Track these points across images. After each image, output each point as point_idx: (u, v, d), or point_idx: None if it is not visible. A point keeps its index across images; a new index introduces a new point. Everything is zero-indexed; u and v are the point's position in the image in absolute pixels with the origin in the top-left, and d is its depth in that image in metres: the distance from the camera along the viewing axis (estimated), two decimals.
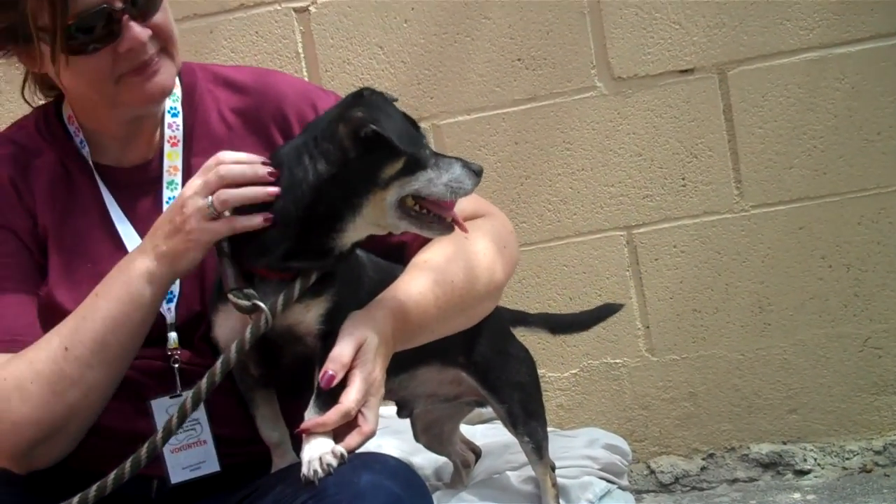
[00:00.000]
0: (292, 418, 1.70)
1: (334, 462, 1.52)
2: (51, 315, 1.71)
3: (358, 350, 1.58)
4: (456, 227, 1.59)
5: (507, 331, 2.03)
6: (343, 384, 1.57)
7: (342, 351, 1.57)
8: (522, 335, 2.47)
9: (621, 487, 2.39)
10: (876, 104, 2.58)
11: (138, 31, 1.67)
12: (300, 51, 2.70)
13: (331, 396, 1.57)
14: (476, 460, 2.28)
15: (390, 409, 2.45)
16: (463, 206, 1.74)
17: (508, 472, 2.25)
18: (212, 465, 1.73)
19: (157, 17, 1.73)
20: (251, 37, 2.70)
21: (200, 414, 1.72)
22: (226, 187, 1.56)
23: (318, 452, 1.54)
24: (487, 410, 2.63)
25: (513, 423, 1.95)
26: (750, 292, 2.65)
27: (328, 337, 1.62)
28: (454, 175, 1.56)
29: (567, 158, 2.67)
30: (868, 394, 2.64)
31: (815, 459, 2.64)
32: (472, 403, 2.06)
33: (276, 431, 1.76)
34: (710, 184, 2.64)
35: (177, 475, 1.72)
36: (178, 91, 1.83)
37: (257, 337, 1.56)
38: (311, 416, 1.58)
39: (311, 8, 2.69)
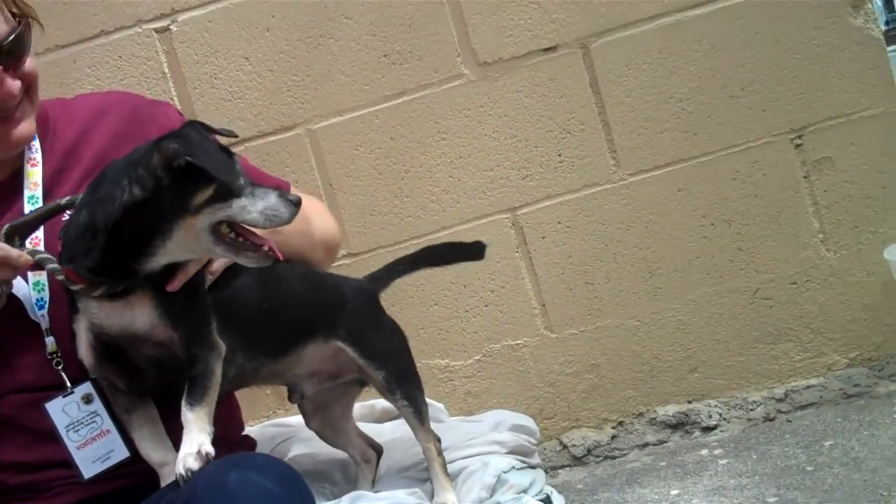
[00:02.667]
0: (178, 432, 1.77)
1: (195, 465, 1.60)
2: None
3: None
4: (273, 255, 1.71)
5: (377, 304, 2.22)
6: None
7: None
8: (419, 328, 2.56)
9: (532, 466, 2.45)
10: (737, 61, 2.68)
11: (10, 82, 1.79)
12: (166, 70, 2.74)
13: (202, 387, 1.71)
14: (378, 458, 2.33)
15: (297, 418, 2.50)
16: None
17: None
18: (121, 453, 1.83)
19: (27, 64, 1.85)
20: (115, 62, 2.74)
21: (98, 406, 1.82)
22: None
23: (185, 452, 1.65)
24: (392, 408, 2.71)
25: (390, 389, 2.09)
26: (638, 259, 2.73)
27: (176, 331, 1.74)
28: (269, 203, 1.66)
29: (444, 148, 2.74)
30: (764, 344, 2.74)
31: (721, 414, 2.73)
32: (355, 383, 2.18)
33: (158, 452, 1.85)
34: (585, 157, 2.72)
35: (88, 469, 1.82)
36: None
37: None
38: (184, 410, 1.69)
39: (171, 27, 2.73)
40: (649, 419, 2.76)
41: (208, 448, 1.65)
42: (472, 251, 2.37)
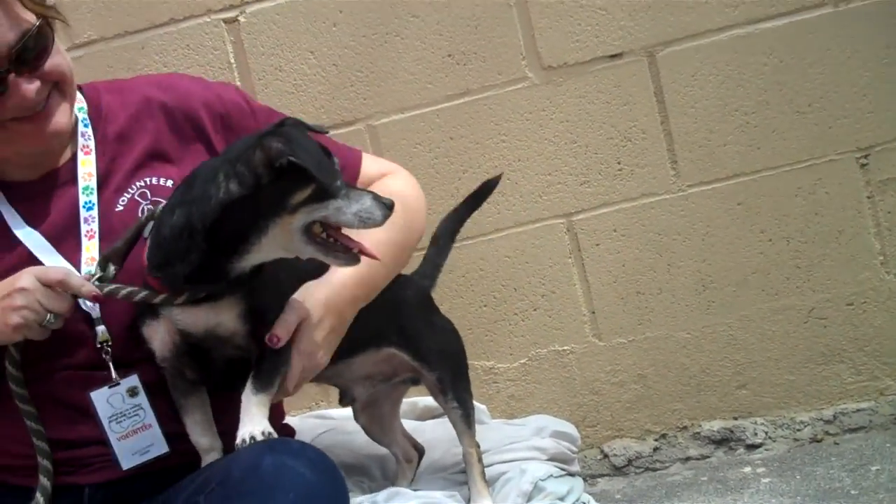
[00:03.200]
0: (227, 420, 1.87)
1: (259, 437, 1.71)
2: None
3: (302, 322, 1.80)
4: (359, 257, 1.76)
5: (431, 304, 2.24)
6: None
7: (289, 319, 1.79)
8: (467, 328, 2.58)
9: (571, 474, 2.47)
10: (804, 76, 2.65)
11: (25, 87, 1.81)
12: (232, 60, 2.79)
13: (268, 376, 1.78)
14: (419, 459, 2.37)
15: (339, 411, 2.54)
16: (369, 166, 2.10)
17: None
18: (160, 448, 1.90)
19: (49, 62, 1.86)
20: (182, 50, 2.79)
21: (142, 399, 1.89)
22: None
23: (249, 432, 1.72)
24: (437, 404, 2.74)
25: (442, 391, 2.14)
26: (692, 271, 2.73)
27: (254, 334, 1.79)
28: (364, 206, 1.71)
29: (503, 150, 2.75)
30: (815, 364, 2.72)
31: (766, 433, 2.72)
32: (408, 381, 2.23)
33: (206, 437, 1.93)
34: (645, 166, 2.71)
35: (127, 461, 1.88)
36: (84, 105, 2.00)
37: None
38: (249, 394, 1.77)
39: (240, 18, 2.77)
40: (693, 433, 2.76)
41: (270, 429, 1.73)
42: (485, 190, 2.37)
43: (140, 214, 1.90)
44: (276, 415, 2.28)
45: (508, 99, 2.74)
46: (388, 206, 1.73)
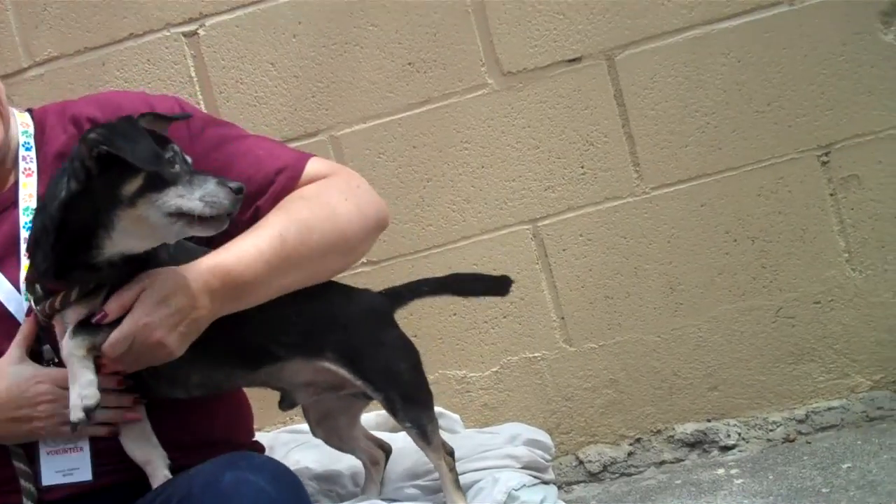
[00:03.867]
0: (170, 430, 1.89)
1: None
2: None
3: (141, 293, 1.73)
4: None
5: (383, 320, 2.12)
6: None
7: (122, 294, 1.73)
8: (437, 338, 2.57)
9: (545, 482, 2.45)
10: (763, 75, 2.68)
11: None
12: (193, 74, 2.80)
13: (94, 329, 1.74)
14: (387, 457, 2.34)
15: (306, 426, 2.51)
16: (310, 168, 2.01)
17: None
18: (84, 474, 1.85)
19: None
20: (143, 65, 2.81)
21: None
22: None
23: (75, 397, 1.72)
24: None
25: (392, 411, 2.04)
26: (659, 273, 2.74)
27: None
28: (207, 190, 1.68)
29: (466, 157, 2.77)
30: (786, 364, 2.73)
31: (740, 434, 2.73)
32: (361, 396, 2.13)
33: (140, 450, 1.88)
34: (608, 170, 2.73)
35: (49, 477, 1.84)
36: (30, 129, 2.00)
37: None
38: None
39: (199, 31, 2.79)
40: (667, 437, 2.76)
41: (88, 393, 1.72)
42: (498, 285, 2.32)
43: None
44: (242, 430, 2.27)
45: (470, 106, 2.76)
46: (235, 190, 1.69)
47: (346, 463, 2.45)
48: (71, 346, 1.73)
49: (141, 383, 1.86)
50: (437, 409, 2.71)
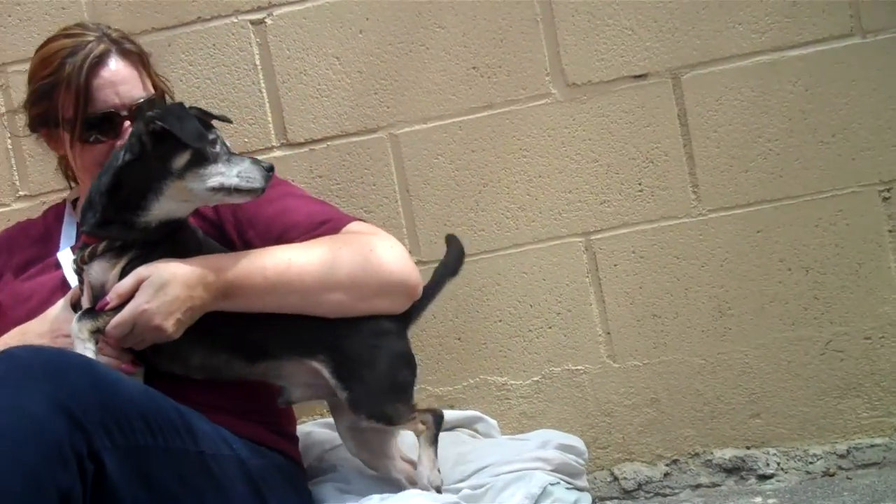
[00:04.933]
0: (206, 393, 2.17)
1: None
2: None
3: (142, 282, 2.01)
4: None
5: (386, 332, 2.24)
6: None
7: (123, 283, 2.03)
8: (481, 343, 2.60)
9: (578, 488, 2.47)
10: (830, 106, 2.68)
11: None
12: (257, 62, 2.83)
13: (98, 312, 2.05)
14: None
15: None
16: (352, 225, 2.29)
17: None
18: None
19: None
20: (208, 49, 2.84)
21: None
22: None
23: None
24: (447, 417, 2.74)
25: (355, 408, 2.17)
26: (709, 297, 2.74)
27: None
28: (243, 168, 2.06)
29: (524, 165, 2.78)
30: (831, 397, 2.73)
31: (779, 464, 2.73)
32: None
33: None
34: (666, 188, 2.74)
35: None
36: None
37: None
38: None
39: (267, 20, 2.82)
40: (705, 460, 2.77)
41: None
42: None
43: None
44: (281, 421, 2.33)
45: (531, 114, 2.78)
46: (266, 168, 2.07)
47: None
48: (76, 328, 2.00)
49: (144, 357, 2.12)
50: (476, 413, 2.77)
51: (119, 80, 2.33)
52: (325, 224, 2.28)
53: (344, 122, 2.82)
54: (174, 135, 2.01)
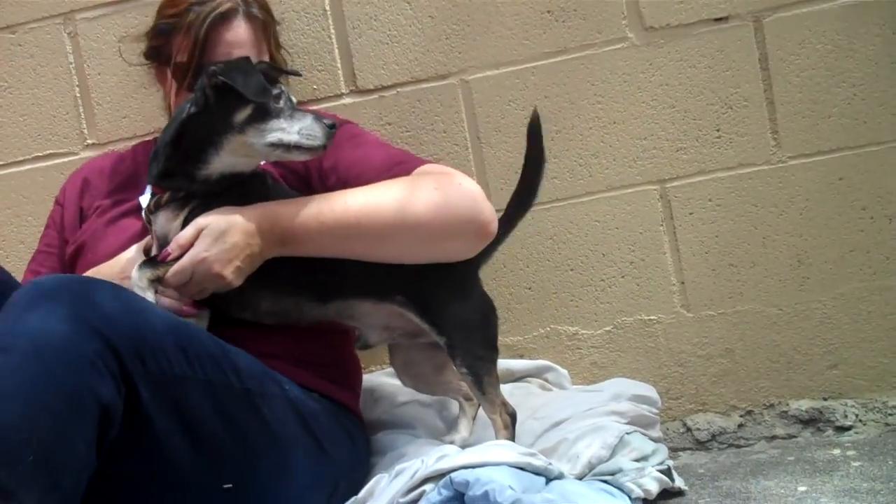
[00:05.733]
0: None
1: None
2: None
3: (201, 231, 2.02)
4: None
5: (462, 273, 2.25)
6: None
7: (183, 233, 2.03)
8: (552, 292, 2.58)
9: (652, 438, 2.46)
10: None
11: None
12: (327, 7, 2.82)
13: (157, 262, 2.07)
14: None
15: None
16: (426, 166, 2.25)
17: None
18: None
19: None
20: None
21: None
22: None
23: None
24: (517, 367, 2.75)
25: (452, 356, 2.19)
26: (788, 245, 2.71)
27: None
28: (305, 124, 2.05)
29: (598, 112, 2.75)
30: None
31: (857, 415, 2.70)
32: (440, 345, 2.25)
33: None
34: (745, 135, 2.70)
35: None
36: None
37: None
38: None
39: None
40: (780, 412, 2.75)
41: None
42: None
43: None
44: (340, 372, 2.34)
45: (607, 59, 2.73)
46: (329, 126, 2.05)
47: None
48: (136, 276, 2.03)
49: (212, 305, 2.14)
50: (547, 363, 2.77)
51: (236, 42, 2.35)
52: (398, 165, 2.26)
53: (414, 68, 2.79)
54: (236, 89, 2.01)
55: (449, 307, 2.19)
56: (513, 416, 2.25)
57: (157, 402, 1.74)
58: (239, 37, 2.35)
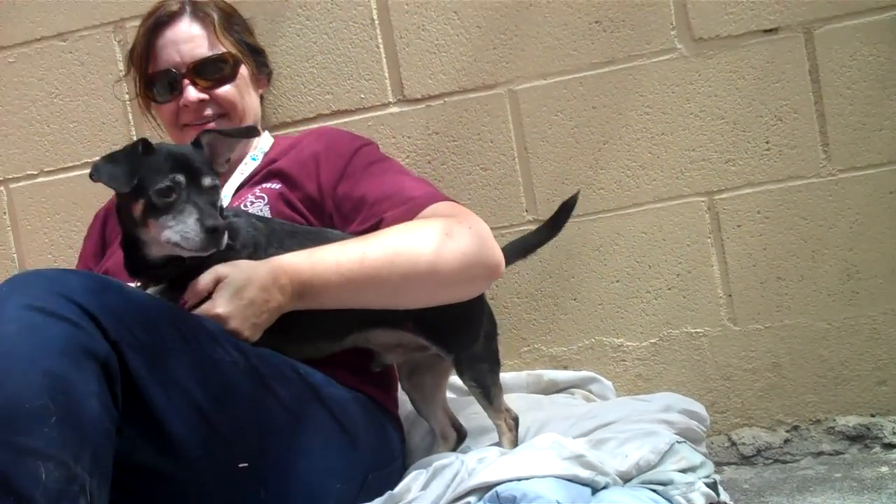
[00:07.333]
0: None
1: None
2: None
3: (216, 284, 1.95)
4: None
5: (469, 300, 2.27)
6: None
7: (199, 281, 1.95)
8: (598, 304, 2.58)
9: (700, 453, 2.45)
10: None
11: (191, 93, 2.43)
12: (375, 17, 2.85)
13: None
14: (458, 442, 2.45)
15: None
16: (438, 206, 2.24)
17: None
18: None
19: (221, 90, 2.46)
20: (325, 4, 2.87)
21: None
22: None
23: None
24: (561, 377, 2.76)
25: (459, 372, 2.27)
26: (837, 259, 2.70)
27: None
28: (186, 225, 1.89)
29: (646, 122, 2.75)
30: None
31: None
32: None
33: None
34: (795, 147, 2.69)
35: None
36: (266, 148, 2.57)
37: None
38: None
39: None
40: (827, 427, 2.74)
41: None
42: (565, 208, 2.47)
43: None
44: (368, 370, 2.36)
45: (655, 70, 2.74)
46: (208, 229, 1.88)
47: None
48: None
49: None
50: (591, 374, 2.78)
51: (182, 40, 2.42)
52: (411, 201, 2.24)
53: (462, 77, 2.82)
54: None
55: (455, 329, 2.26)
56: (516, 420, 2.33)
57: (153, 375, 1.71)
58: (185, 34, 2.42)
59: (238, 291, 1.94)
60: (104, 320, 1.65)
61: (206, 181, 1.95)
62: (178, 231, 1.89)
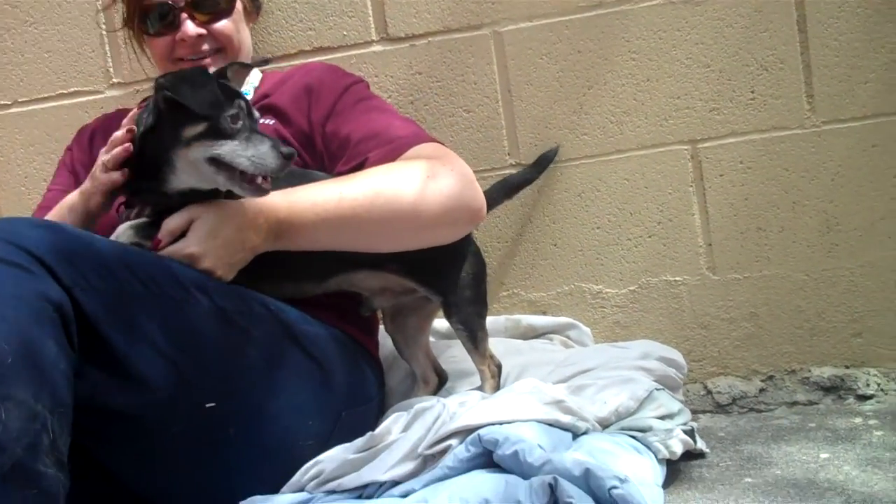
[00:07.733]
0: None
1: None
2: None
3: (189, 224, 1.93)
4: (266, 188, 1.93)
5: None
6: None
7: (172, 220, 1.94)
8: (577, 250, 2.57)
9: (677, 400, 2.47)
10: None
11: (189, 27, 2.39)
12: None
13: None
14: (439, 386, 2.45)
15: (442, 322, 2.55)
16: (423, 147, 2.20)
17: None
18: None
19: (219, 24, 2.43)
20: None
21: None
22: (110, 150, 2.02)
23: None
24: (540, 323, 2.77)
25: (447, 314, 2.28)
26: (818, 211, 2.71)
27: None
28: (259, 152, 1.88)
29: (632, 68, 2.73)
30: None
31: (879, 385, 2.72)
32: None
33: None
34: (780, 97, 2.69)
35: None
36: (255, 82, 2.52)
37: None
38: None
39: None
40: (802, 378, 2.77)
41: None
42: (544, 159, 2.59)
43: None
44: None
45: (642, 15, 2.72)
46: (285, 156, 1.87)
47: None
48: (120, 230, 1.96)
49: None
50: (570, 320, 2.79)
51: None
52: (397, 140, 2.21)
53: (446, 17, 2.78)
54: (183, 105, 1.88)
55: (441, 270, 2.24)
56: (499, 367, 2.34)
57: (112, 319, 1.68)
58: None
59: (212, 231, 1.92)
60: (56, 266, 1.62)
61: (255, 112, 1.98)
62: (251, 156, 1.87)
